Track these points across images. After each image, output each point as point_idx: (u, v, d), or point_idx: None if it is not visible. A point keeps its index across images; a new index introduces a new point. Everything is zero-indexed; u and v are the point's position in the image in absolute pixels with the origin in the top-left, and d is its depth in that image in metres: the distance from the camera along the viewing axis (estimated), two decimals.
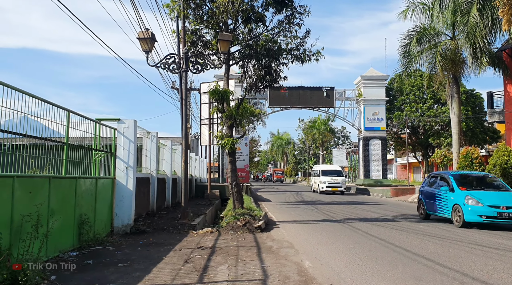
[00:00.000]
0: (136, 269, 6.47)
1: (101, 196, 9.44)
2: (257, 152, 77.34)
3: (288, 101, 41.96)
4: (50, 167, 7.31)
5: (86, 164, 8.93)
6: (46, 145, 7.28)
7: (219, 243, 9.02)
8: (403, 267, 6.92)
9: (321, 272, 6.55)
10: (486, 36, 20.32)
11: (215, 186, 23.52)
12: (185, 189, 11.95)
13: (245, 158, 22.01)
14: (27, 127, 6.50)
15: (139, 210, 11.78)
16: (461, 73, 23.27)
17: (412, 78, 38.74)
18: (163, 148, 16.06)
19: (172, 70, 11.86)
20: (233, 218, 11.68)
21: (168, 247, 8.38)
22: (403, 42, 24.23)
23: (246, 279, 5.96)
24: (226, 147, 12.72)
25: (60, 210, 7.47)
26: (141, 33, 11.36)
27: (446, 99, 26.17)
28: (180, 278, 5.96)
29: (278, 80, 13.63)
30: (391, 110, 42.82)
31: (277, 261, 7.26)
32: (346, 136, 73.51)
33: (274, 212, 17.04)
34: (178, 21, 12.77)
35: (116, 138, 10.30)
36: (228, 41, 11.80)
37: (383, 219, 14.42)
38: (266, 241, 9.49)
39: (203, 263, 6.98)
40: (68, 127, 7.87)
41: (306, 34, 13.41)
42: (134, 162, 10.37)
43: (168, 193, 16.13)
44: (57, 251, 7.32)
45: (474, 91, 40.81)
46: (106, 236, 9.33)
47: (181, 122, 12.23)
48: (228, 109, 12.81)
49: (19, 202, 6.06)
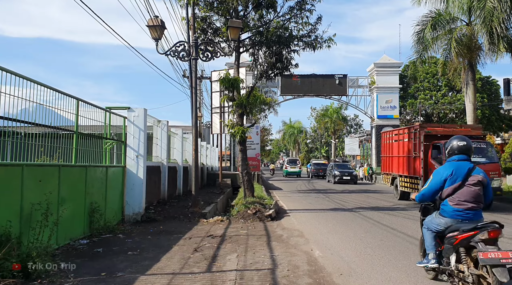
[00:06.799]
0: (146, 258, 6.47)
1: (111, 184, 9.47)
2: (269, 141, 77.14)
3: (300, 89, 41.59)
4: (60, 155, 7.32)
5: (96, 153, 8.94)
6: (57, 134, 7.29)
7: (229, 232, 8.99)
8: (415, 257, 6.78)
9: (331, 262, 6.47)
10: (504, 21, 19.72)
11: (227, 174, 23.55)
12: (196, 177, 11.93)
13: (256, 146, 21.94)
14: (38, 116, 6.51)
15: (150, 198, 11.81)
16: (477, 59, 22.71)
17: (427, 65, 37.98)
18: (174, 137, 16.06)
19: (181, 57, 11.76)
20: (243, 206, 11.65)
21: (178, 236, 8.39)
22: (417, 28, 23.65)
23: (255, 268, 5.91)
24: (237, 135, 12.65)
25: (70, 199, 7.49)
26: (150, 20, 11.25)
27: (461, 86, 25.61)
28: (189, 266, 5.93)
29: (289, 67, 13.45)
30: (405, 98, 42.22)
31: (287, 250, 7.20)
32: (358, 124, 72.87)
33: (285, 200, 16.98)
34: (187, 8, 12.60)
35: (126, 126, 10.29)
36: (238, 28, 11.63)
37: (395, 208, 14.27)
38: (276, 230, 9.44)
39: (213, 251, 6.95)
40: (77, 116, 7.85)
41: (317, 21, 13.19)
42: (144, 150, 10.36)
43: (179, 182, 16.17)
44: (68, 239, 7.36)
45: (490, 78, 39.97)
46: (117, 224, 9.37)
47: (191, 110, 12.16)
48: (238, 97, 12.69)
49: (29, 191, 6.07)
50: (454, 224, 4.83)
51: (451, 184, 4.86)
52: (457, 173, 4.85)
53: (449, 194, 4.87)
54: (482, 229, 4.52)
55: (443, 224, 4.93)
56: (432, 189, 5.00)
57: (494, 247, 4.40)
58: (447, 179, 4.88)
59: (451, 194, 4.86)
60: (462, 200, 4.79)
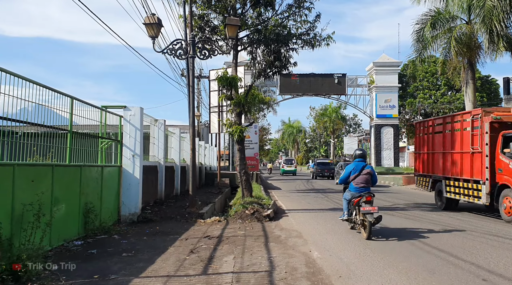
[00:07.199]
0: (140, 259, 6.33)
1: (107, 184, 9.33)
2: (268, 140, 76.99)
3: (299, 88, 41.48)
4: (54, 155, 7.17)
5: (92, 152, 8.80)
6: (51, 133, 7.15)
7: (226, 233, 8.86)
8: (416, 258, 6.67)
9: (330, 263, 6.34)
10: (503, 19, 19.61)
11: (225, 174, 23.41)
12: (193, 177, 11.79)
13: (255, 146, 21.78)
14: (31, 115, 6.37)
15: (147, 199, 11.68)
16: (477, 58, 22.59)
17: (426, 64, 37.91)
18: (172, 136, 15.91)
19: (179, 56, 11.61)
20: (241, 207, 11.51)
21: (174, 237, 8.25)
22: (417, 27, 23.52)
23: (252, 270, 5.78)
24: (235, 135, 12.51)
25: (64, 199, 7.36)
26: (147, 18, 11.11)
27: (460, 85, 25.52)
28: (184, 269, 5.80)
29: (288, 66, 13.29)
30: (404, 97, 42.12)
31: (285, 252, 7.07)
32: (357, 123, 72.86)
33: (284, 200, 16.85)
34: (185, 6, 12.47)
35: (123, 125, 10.15)
36: (236, 26, 11.50)
37: (394, 208, 14.13)
38: (274, 230, 9.31)
39: (209, 253, 6.82)
40: (72, 114, 7.71)
41: (316, 18, 13.04)
42: (140, 150, 10.22)
43: (177, 181, 16.02)
44: (62, 240, 7.22)
45: (489, 77, 39.92)
46: (113, 225, 9.23)
47: (188, 109, 12.02)
48: (236, 96, 12.55)
49: (21, 191, 5.93)
50: (355, 195, 8.56)
51: (353, 174, 8.67)
52: (356, 168, 8.68)
53: (352, 179, 8.67)
54: (363, 196, 8.36)
55: (350, 195, 8.70)
56: (345, 177, 8.87)
57: (370, 205, 8.23)
58: (351, 171, 8.71)
59: (354, 179, 8.66)
60: (359, 182, 8.60)
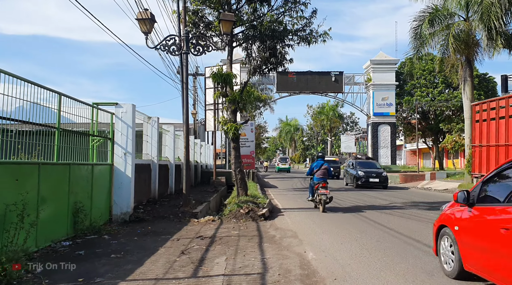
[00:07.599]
0: (129, 261, 6.11)
1: (98, 183, 9.09)
2: (265, 139, 76.71)
3: (296, 86, 41.29)
4: (41, 153, 6.94)
5: (82, 150, 8.55)
6: (39, 131, 6.91)
7: (219, 232, 8.64)
8: (414, 259, 6.48)
9: (325, 265, 6.14)
10: (501, 16, 19.47)
11: (221, 172, 23.16)
12: (187, 175, 11.56)
13: (251, 144, 21.52)
14: (16, 112, 6.14)
15: (140, 198, 11.45)
16: (475, 55, 22.47)
17: (423, 61, 37.80)
18: (166, 134, 15.67)
19: (172, 52, 11.35)
20: (236, 206, 11.30)
21: (166, 237, 8.03)
22: (415, 24, 23.38)
23: (244, 273, 5.57)
24: (229, 132, 12.28)
25: (52, 198, 7.13)
26: (139, 13, 10.86)
27: (458, 83, 25.39)
28: (174, 271, 5.58)
29: (284, 62, 13.08)
30: (401, 95, 41.95)
31: (279, 252, 6.87)
32: (354, 122, 72.75)
33: (280, 199, 16.66)
34: (179, 1, 12.23)
35: (114, 123, 9.91)
36: (231, 22, 11.26)
37: (392, 207, 13.97)
38: (269, 230, 9.11)
39: (200, 254, 6.60)
40: (60, 111, 7.47)
41: (312, 14, 12.80)
42: (132, 148, 9.99)
43: (171, 180, 15.79)
44: (49, 241, 6.99)
45: (487, 75, 39.79)
46: (104, 225, 9.01)
47: (182, 106, 11.77)
48: (231, 93, 12.33)
49: (4, 190, 5.72)
50: (316, 182, 12.68)
51: (316, 169, 12.88)
52: (317, 165, 12.90)
53: (315, 172, 12.87)
54: (321, 183, 12.44)
55: (314, 183, 12.82)
56: (310, 171, 13.21)
57: (324, 189, 12.32)
58: (314, 167, 12.95)
59: (316, 172, 12.83)
60: (319, 174, 12.73)
